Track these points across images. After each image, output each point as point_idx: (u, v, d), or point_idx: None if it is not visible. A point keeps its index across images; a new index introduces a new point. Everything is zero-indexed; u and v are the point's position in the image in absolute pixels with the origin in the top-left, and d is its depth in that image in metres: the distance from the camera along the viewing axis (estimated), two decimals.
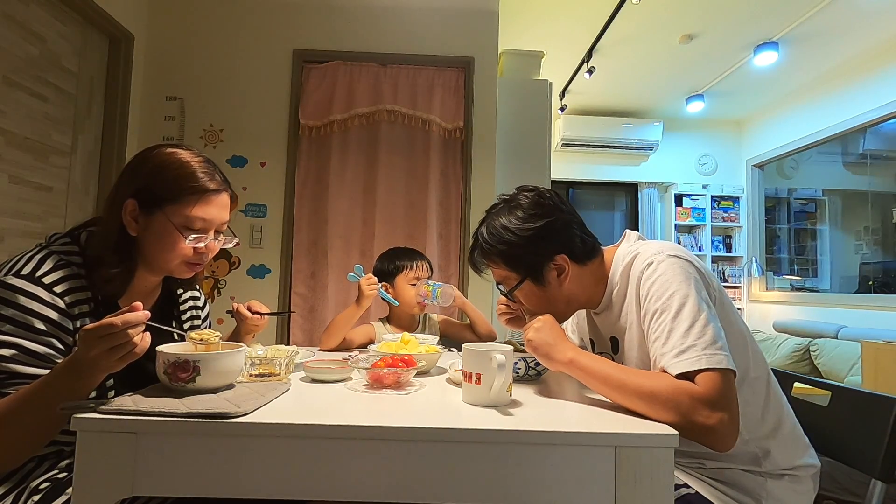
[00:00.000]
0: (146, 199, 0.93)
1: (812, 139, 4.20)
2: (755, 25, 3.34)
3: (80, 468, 0.69)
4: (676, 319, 0.85)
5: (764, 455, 0.92)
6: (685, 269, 0.90)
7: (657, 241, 1.00)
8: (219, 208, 1.00)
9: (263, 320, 1.23)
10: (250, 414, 0.73)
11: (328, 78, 2.83)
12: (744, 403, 0.90)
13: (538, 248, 1.02)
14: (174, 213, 0.94)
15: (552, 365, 0.94)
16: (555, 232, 1.02)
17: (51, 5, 2.18)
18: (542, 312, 1.03)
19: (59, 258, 0.90)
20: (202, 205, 0.96)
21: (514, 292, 1.07)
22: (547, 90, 3.13)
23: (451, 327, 1.80)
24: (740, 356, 0.91)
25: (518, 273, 1.04)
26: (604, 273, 1.05)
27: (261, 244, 2.77)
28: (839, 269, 4.80)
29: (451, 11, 2.89)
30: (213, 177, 0.99)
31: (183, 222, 0.95)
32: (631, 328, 0.98)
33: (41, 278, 0.85)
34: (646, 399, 0.80)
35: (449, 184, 2.85)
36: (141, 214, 0.94)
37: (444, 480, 0.71)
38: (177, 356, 0.81)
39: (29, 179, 2.11)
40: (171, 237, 0.94)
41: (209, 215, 0.97)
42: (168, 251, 0.95)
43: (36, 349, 0.83)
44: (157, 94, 2.77)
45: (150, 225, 0.94)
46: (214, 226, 1.00)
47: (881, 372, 2.67)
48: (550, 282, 1.02)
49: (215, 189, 0.99)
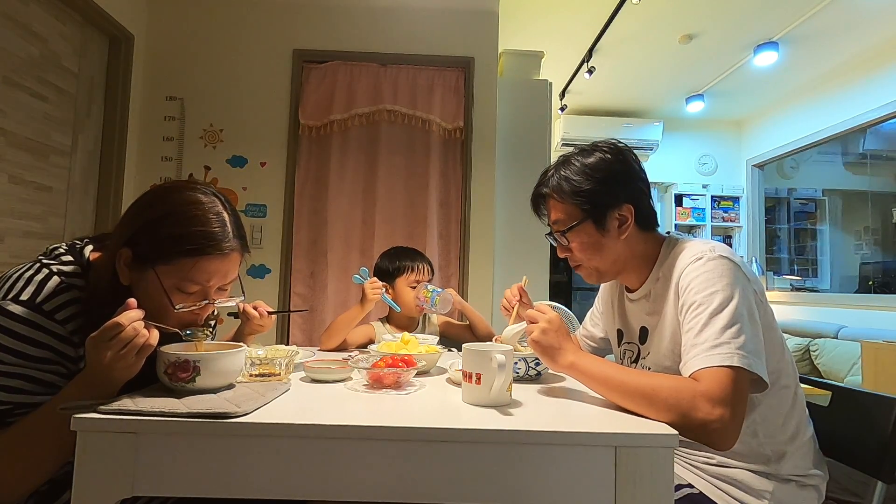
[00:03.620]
0: (139, 252, 0.84)
1: (812, 139, 4.20)
2: (755, 25, 3.34)
3: (80, 468, 0.69)
4: (715, 317, 0.84)
5: (777, 458, 0.91)
6: (734, 272, 0.89)
7: (708, 240, 1.00)
8: (226, 268, 0.87)
9: (270, 320, 1.22)
10: (250, 414, 0.73)
11: (328, 78, 2.82)
12: (768, 408, 0.91)
13: (611, 189, 1.01)
14: (165, 273, 0.83)
15: (555, 367, 0.94)
16: (630, 181, 1.02)
17: (51, 5, 2.18)
18: (590, 261, 1.03)
19: (59, 281, 0.84)
20: (199, 268, 0.84)
21: (569, 233, 1.03)
22: (547, 90, 3.13)
23: (451, 328, 1.80)
24: (776, 362, 0.91)
25: (582, 211, 1.02)
26: (652, 255, 1.04)
27: (261, 244, 2.77)
28: (839, 269, 4.81)
29: (451, 11, 2.88)
30: (223, 234, 0.85)
31: (175, 284, 0.84)
32: (664, 319, 0.98)
33: (41, 305, 0.81)
34: (647, 398, 0.80)
35: (449, 184, 2.85)
36: (134, 266, 0.84)
37: (444, 480, 0.71)
38: (177, 356, 0.81)
39: (29, 179, 2.11)
40: (160, 300, 0.84)
41: (211, 279, 0.86)
42: (157, 312, 0.84)
43: (41, 377, 0.81)
44: (157, 94, 2.77)
45: (140, 280, 0.84)
46: (215, 288, 0.88)
47: (881, 372, 2.67)
48: (610, 230, 1.01)
49: (219, 252, 0.85)
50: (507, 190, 3.00)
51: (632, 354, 1.09)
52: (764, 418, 0.91)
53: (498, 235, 2.93)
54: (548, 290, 3.03)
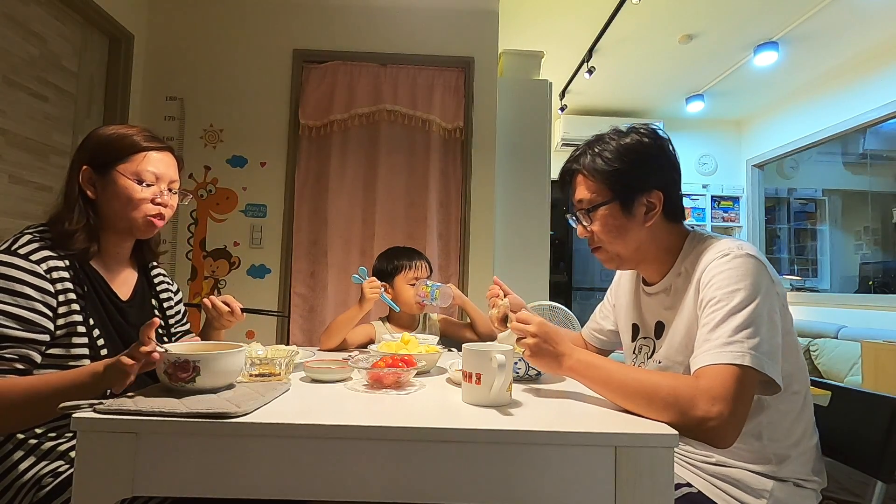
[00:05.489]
0: (99, 164, 1.04)
1: (812, 139, 4.20)
2: (755, 25, 3.34)
3: (80, 468, 0.69)
4: (733, 315, 0.83)
5: (779, 461, 0.90)
6: (759, 272, 0.86)
7: (737, 238, 0.98)
8: (165, 164, 1.09)
9: (240, 317, 1.21)
10: (250, 414, 0.73)
11: (328, 78, 2.82)
12: (776, 412, 0.90)
13: (643, 173, 0.98)
14: (125, 170, 1.04)
15: (558, 373, 0.93)
16: (664, 168, 1.00)
17: (51, 5, 2.18)
18: (611, 244, 1.01)
19: (30, 235, 0.97)
20: (148, 160, 1.06)
21: (593, 213, 1.00)
22: (547, 90, 3.13)
23: (452, 327, 1.80)
24: (790, 368, 0.90)
25: (610, 191, 0.99)
26: (675, 248, 1.01)
27: (261, 244, 2.77)
28: (839, 269, 4.81)
29: (451, 11, 2.88)
30: (154, 139, 1.10)
31: (136, 176, 1.05)
32: (681, 314, 0.96)
33: (17, 251, 0.92)
34: (646, 397, 0.80)
35: (449, 184, 2.85)
36: (97, 178, 1.04)
37: (444, 480, 0.71)
38: (177, 356, 0.81)
39: (29, 179, 2.11)
40: (127, 190, 1.03)
41: (158, 169, 1.07)
42: (127, 204, 1.03)
43: (22, 314, 0.88)
44: (157, 94, 2.77)
45: (106, 185, 1.04)
46: (165, 181, 1.08)
47: (881, 372, 2.67)
48: (636, 215, 0.98)
49: (157, 146, 1.09)
50: (507, 190, 3.00)
51: (648, 350, 1.06)
52: (770, 422, 0.91)
53: (498, 235, 2.93)
54: (548, 290, 3.03)
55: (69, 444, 0.94)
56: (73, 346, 0.94)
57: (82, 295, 0.97)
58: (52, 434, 0.94)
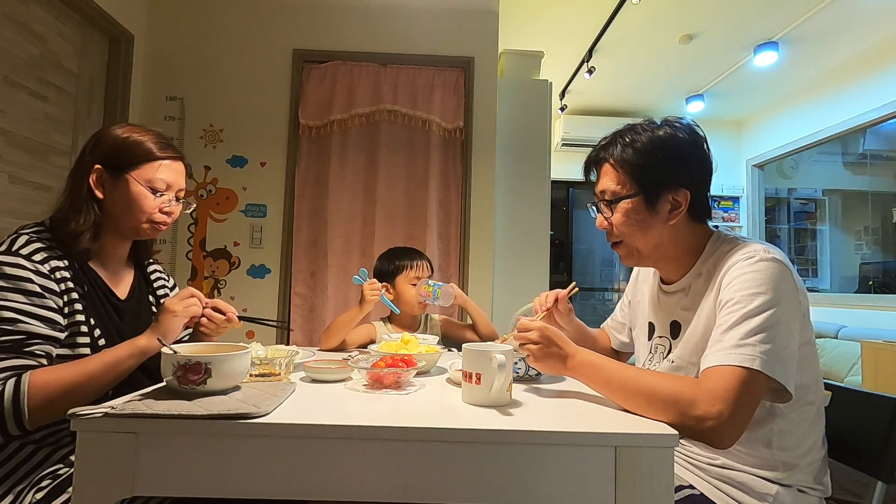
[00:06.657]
0: (112, 166, 1.04)
1: (812, 139, 4.20)
2: (755, 25, 3.34)
3: (80, 468, 0.69)
4: (749, 319, 0.81)
5: (786, 469, 0.89)
6: (783, 278, 0.84)
7: (765, 242, 0.95)
8: (176, 173, 1.11)
9: (236, 323, 1.15)
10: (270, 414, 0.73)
11: (328, 78, 2.82)
12: (788, 422, 0.89)
13: (674, 169, 0.95)
14: (139, 176, 1.05)
15: (564, 374, 0.94)
16: (695, 167, 0.97)
17: (51, 5, 2.18)
18: (631, 239, 0.99)
19: (27, 236, 0.96)
20: (162, 169, 1.07)
21: (615, 205, 0.98)
22: (547, 90, 3.13)
23: (452, 327, 1.80)
24: (807, 377, 0.89)
25: (635, 185, 0.96)
26: (697, 248, 0.99)
27: (261, 244, 2.77)
28: (839, 269, 4.81)
29: (451, 11, 2.88)
30: (168, 146, 1.11)
31: (148, 185, 1.05)
32: (700, 314, 0.94)
33: (18, 251, 0.91)
34: (647, 396, 0.80)
35: (449, 184, 2.85)
36: (108, 179, 1.04)
37: (444, 480, 0.71)
38: (187, 358, 0.79)
39: (29, 179, 2.11)
40: (139, 197, 1.04)
41: (169, 178, 1.08)
42: (137, 210, 1.04)
43: (41, 313, 0.89)
44: (157, 94, 2.77)
45: (116, 188, 1.04)
46: (174, 190, 1.10)
47: (881, 372, 2.67)
48: (660, 212, 0.96)
49: (171, 156, 1.10)
50: (507, 190, 3.00)
51: (664, 350, 1.04)
52: (781, 430, 0.89)
53: (498, 235, 2.93)
54: (548, 290, 3.02)
55: (67, 449, 0.93)
56: (77, 345, 0.94)
57: (83, 295, 0.97)
58: (50, 439, 0.93)
